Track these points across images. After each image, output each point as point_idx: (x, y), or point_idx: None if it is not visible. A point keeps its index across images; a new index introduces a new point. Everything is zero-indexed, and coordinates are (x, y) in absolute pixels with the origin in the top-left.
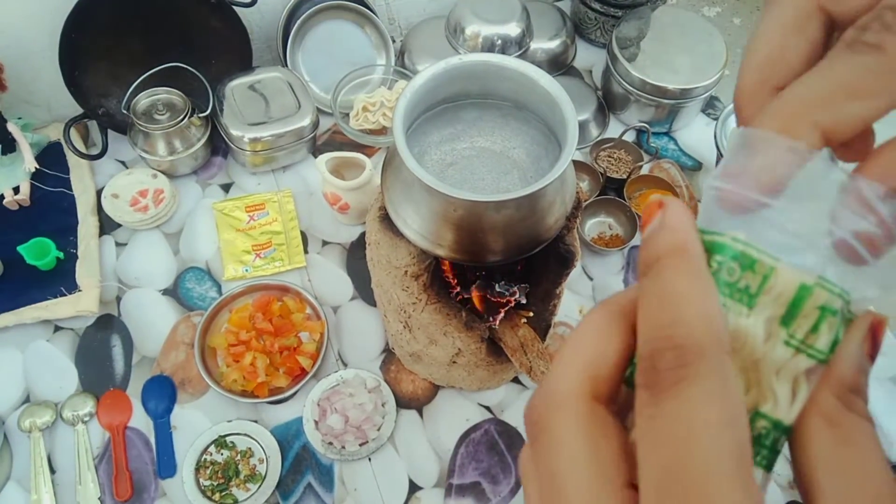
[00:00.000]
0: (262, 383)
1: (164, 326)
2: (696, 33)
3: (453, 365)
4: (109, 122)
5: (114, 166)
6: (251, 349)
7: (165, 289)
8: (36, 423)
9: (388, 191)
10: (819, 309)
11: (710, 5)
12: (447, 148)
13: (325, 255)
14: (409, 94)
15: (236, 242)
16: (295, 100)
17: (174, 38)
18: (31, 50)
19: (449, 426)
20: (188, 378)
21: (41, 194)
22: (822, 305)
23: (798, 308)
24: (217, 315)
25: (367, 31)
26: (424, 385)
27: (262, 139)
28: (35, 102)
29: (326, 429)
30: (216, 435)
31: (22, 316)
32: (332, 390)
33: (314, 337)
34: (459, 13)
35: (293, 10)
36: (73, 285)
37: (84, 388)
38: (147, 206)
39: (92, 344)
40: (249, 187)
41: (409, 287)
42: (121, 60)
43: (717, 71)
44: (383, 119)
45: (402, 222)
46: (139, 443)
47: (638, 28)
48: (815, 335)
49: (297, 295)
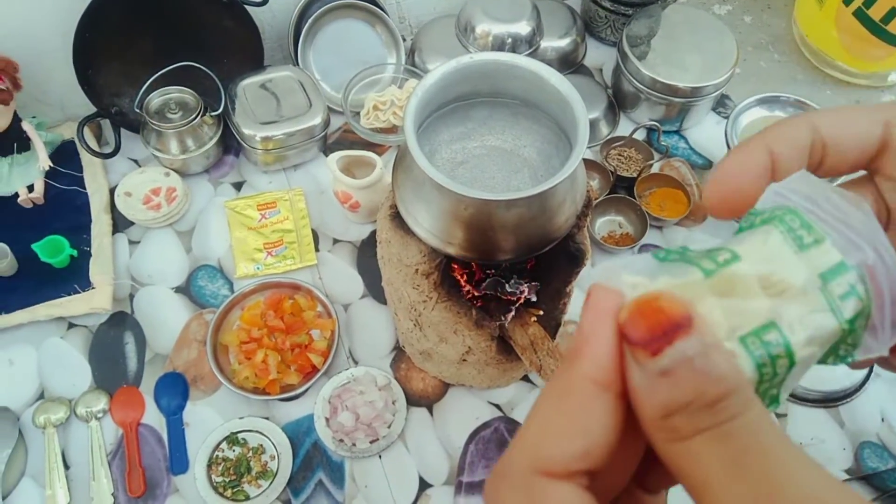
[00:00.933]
0: (274, 380)
1: (176, 324)
2: (707, 31)
3: (463, 363)
4: (122, 121)
5: (127, 165)
6: (263, 346)
7: (178, 286)
8: (50, 420)
9: (399, 189)
10: (850, 286)
11: (721, 3)
12: (458, 146)
13: (335, 252)
14: (420, 93)
15: (248, 240)
16: (306, 99)
17: (186, 37)
18: (44, 50)
19: (459, 424)
20: (200, 375)
21: (55, 192)
22: (853, 284)
23: (835, 275)
24: (229, 313)
25: (378, 29)
26: (435, 383)
27: (274, 138)
28: (49, 102)
29: (337, 426)
30: (228, 432)
31: (36, 313)
32: (342, 388)
33: (325, 335)
34: (470, 12)
35: (304, 9)
36: (86, 283)
37: (97, 385)
38: (160, 204)
39: (105, 341)
40: (261, 186)
41: (420, 285)
42: (133, 60)
43: (727, 69)
44: (394, 118)
45: (412, 220)
46: (152, 439)
47: (648, 26)
48: (844, 302)
49: (309, 293)
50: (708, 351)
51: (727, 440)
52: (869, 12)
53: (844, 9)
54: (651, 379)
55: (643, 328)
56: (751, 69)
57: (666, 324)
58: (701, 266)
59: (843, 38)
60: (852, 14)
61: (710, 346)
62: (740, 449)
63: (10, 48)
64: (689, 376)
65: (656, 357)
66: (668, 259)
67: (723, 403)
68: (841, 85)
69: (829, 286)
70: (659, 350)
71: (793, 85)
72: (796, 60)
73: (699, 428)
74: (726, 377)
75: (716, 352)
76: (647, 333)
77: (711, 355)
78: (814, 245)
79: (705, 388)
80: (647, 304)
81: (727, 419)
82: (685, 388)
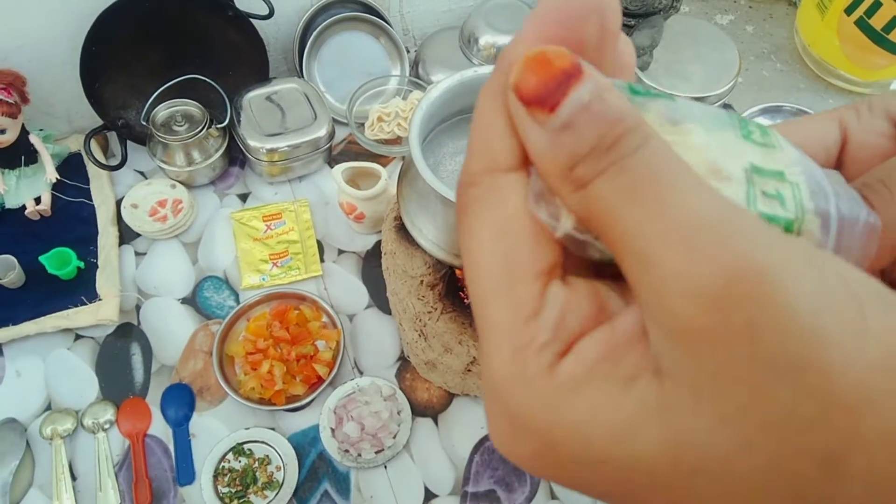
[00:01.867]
0: (280, 391)
1: (182, 335)
2: (709, 42)
3: (468, 373)
4: (129, 134)
5: (133, 176)
6: (268, 357)
7: (184, 297)
8: (57, 431)
9: (404, 201)
10: (786, 185)
11: (723, 13)
12: (461, 158)
13: (340, 263)
14: (425, 106)
15: (253, 252)
16: (311, 111)
17: (192, 50)
18: (52, 63)
19: (464, 434)
20: (206, 386)
21: (62, 204)
22: (779, 192)
23: (771, 175)
24: (235, 323)
25: (382, 41)
26: (440, 393)
27: (279, 150)
28: (55, 114)
29: (343, 436)
30: (234, 442)
31: (43, 325)
32: (348, 398)
33: (330, 345)
34: (473, 24)
35: (309, 22)
36: (93, 294)
37: (104, 396)
38: (166, 215)
39: (112, 352)
40: (266, 197)
41: (425, 296)
42: (140, 73)
43: (730, 79)
44: (398, 129)
45: (417, 232)
46: (158, 450)
47: (651, 37)
48: (766, 199)
49: (314, 303)
50: (602, 94)
51: (624, 173)
52: (871, 21)
53: (846, 18)
54: (553, 135)
55: (536, 82)
56: (753, 78)
57: (558, 74)
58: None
59: (845, 47)
60: (854, 23)
61: (603, 89)
62: (637, 179)
63: (18, 62)
64: (589, 121)
65: (555, 112)
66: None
67: (621, 142)
68: (843, 93)
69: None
70: (556, 104)
71: (795, 94)
72: (798, 69)
73: (600, 169)
74: (623, 116)
75: (609, 93)
76: (543, 87)
77: (606, 97)
78: (764, 140)
79: (605, 131)
80: (534, 60)
81: (626, 155)
82: (586, 135)
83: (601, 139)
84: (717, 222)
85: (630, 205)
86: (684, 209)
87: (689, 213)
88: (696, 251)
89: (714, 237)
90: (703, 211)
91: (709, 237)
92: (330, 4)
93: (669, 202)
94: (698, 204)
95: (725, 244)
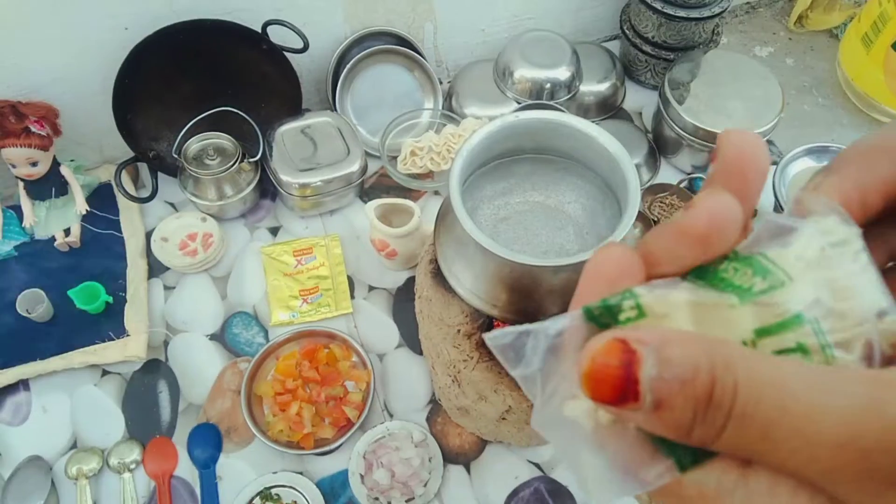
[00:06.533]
0: (308, 434)
1: (210, 373)
2: (750, 77)
3: (503, 421)
4: (160, 165)
5: (163, 208)
6: (297, 398)
7: (213, 334)
8: (83, 471)
9: (441, 246)
10: (796, 344)
11: (762, 45)
12: (500, 202)
13: (371, 300)
14: (465, 153)
15: (283, 287)
16: (344, 145)
17: (225, 82)
18: (85, 95)
19: (497, 483)
20: (234, 426)
21: (91, 236)
22: (800, 343)
23: (781, 329)
24: (264, 362)
25: (416, 74)
26: (472, 439)
27: (312, 185)
28: (87, 144)
29: (372, 483)
30: (261, 487)
31: (71, 360)
32: (377, 443)
33: (360, 386)
34: (508, 56)
35: (343, 55)
36: (121, 329)
37: (130, 435)
38: (196, 249)
39: (139, 389)
40: (297, 231)
41: (461, 345)
42: (172, 104)
43: (773, 117)
44: (430, 164)
45: (454, 280)
46: (185, 493)
47: (690, 71)
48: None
49: (344, 342)
50: (663, 356)
51: (744, 427)
52: None
53: (893, 53)
54: (650, 417)
55: (608, 391)
56: (794, 113)
57: (620, 371)
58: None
59: (890, 81)
60: None
61: (661, 346)
62: (759, 424)
63: (51, 94)
64: (672, 394)
65: (639, 401)
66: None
67: (715, 398)
68: None
69: (765, 340)
70: (636, 394)
71: (838, 129)
72: (841, 104)
73: (718, 428)
74: (697, 366)
75: (670, 348)
76: (616, 391)
77: (668, 355)
78: (764, 292)
79: (691, 392)
80: (593, 368)
81: (729, 408)
82: (679, 405)
83: (697, 402)
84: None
85: (773, 449)
86: (815, 423)
87: (818, 421)
88: (844, 447)
89: (846, 430)
90: (821, 408)
91: (841, 430)
92: (364, 37)
93: (799, 427)
94: (817, 408)
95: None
